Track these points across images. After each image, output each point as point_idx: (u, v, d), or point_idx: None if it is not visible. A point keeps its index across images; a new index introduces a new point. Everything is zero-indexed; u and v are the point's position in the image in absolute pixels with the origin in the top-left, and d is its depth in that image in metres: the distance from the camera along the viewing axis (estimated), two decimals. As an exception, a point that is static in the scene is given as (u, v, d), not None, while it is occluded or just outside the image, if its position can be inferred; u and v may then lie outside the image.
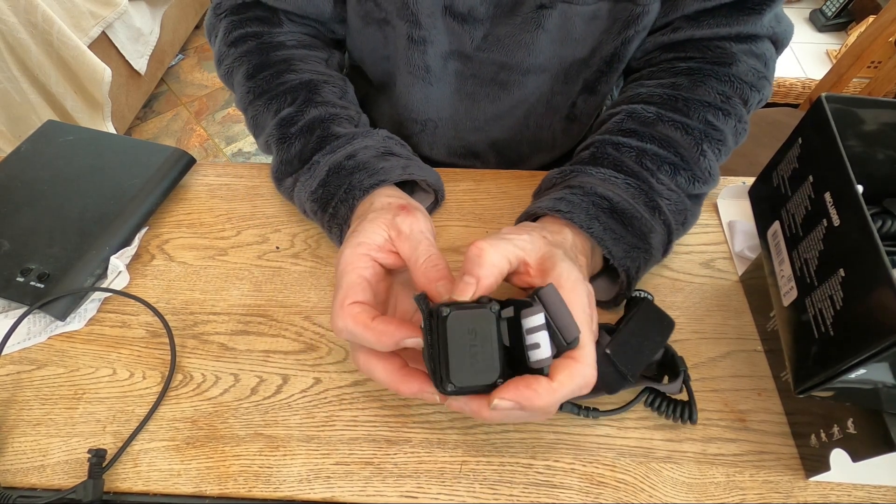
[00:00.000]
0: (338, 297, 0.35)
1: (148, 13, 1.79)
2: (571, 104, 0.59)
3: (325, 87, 0.51)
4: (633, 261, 0.41)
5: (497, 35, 0.52)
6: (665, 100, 0.48)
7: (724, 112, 0.47)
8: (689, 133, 0.46)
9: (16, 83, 1.51)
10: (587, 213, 0.41)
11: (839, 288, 0.31)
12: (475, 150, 0.64)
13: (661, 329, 0.39)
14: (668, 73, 0.51)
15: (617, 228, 0.41)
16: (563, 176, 0.46)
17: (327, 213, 0.45)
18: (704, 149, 0.46)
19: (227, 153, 1.83)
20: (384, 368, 0.35)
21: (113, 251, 0.50)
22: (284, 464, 0.40)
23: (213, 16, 0.57)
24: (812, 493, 0.38)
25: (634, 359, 0.36)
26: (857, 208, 0.31)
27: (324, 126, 0.48)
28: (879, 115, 0.37)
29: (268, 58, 0.52)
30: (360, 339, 0.34)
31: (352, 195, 0.44)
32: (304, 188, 0.47)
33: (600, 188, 0.43)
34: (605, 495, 0.38)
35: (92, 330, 0.47)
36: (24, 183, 0.54)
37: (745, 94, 0.49)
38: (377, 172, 0.44)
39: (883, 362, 0.29)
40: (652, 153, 0.45)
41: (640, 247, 0.42)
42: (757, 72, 0.50)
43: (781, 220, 0.39)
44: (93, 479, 0.37)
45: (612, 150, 0.46)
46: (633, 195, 0.43)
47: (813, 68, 1.64)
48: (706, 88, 0.48)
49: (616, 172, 0.44)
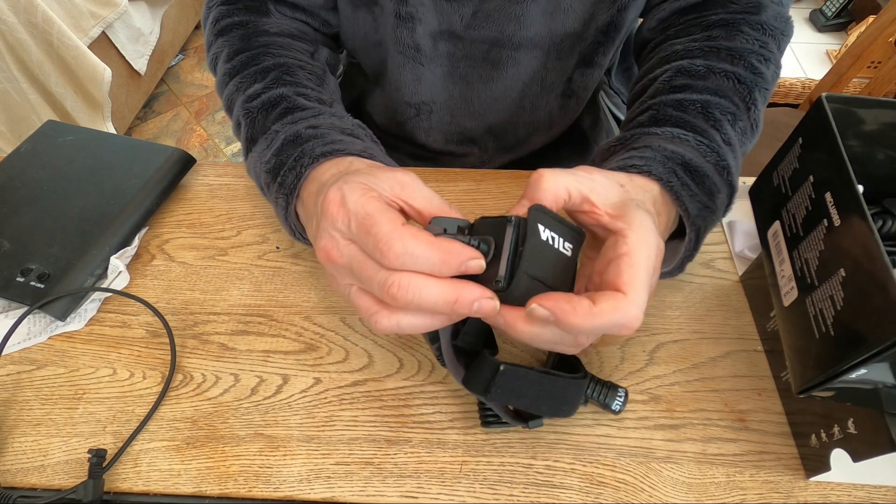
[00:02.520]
0: (382, 223, 0.30)
1: (148, 13, 1.79)
2: (567, 80, 0.58)
3: (300, 72, 0.49)
4: (703, 220, 0.39)
5: (486, 10, 0.52)
6: (708, 51, 0.47)
7: (765, 58, 0.47)
8: (742, 82, 0.45)
9: (16, 83, 1.51)
10: (664, 165, 0.38)
11: (840, 288, 0.31)
12: (472, 136, 0.64)
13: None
14: (700, 28, 0.50)
15: (691, 185, 0.39)
16: (622, 142, 0.43)
17: (276, 182, 0.41)
18: (756, 97, 0.45)
19: (227, 153, 1.83)
20: (436, 282, 0.30)
21: (113, 251, 0.50)
22: (284, 464, 0.40)
23: (206, 7, 0.56)
24: (812, 493, 0.38)
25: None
26: (858, 208, 0.31)
27: (289, 99, 0.45)
28: (879, 115, 0.37)
29: (249, 43, 0.51)
30: (422, 258, 0.29)
31: (300, 163, 0.40)
32: (259, 158, 0.43)
33: (670, 145, 0.40)
34: (605, 495, 0.38)
35: (92, 330, 0.47)
36: (24, 183, 0.54)
37: (777, 38, 0.48)
38: (333, 143, 0.40)
39: (883, 362, 0.29)
40: (716, 104, 0.43)
41: (709, 206, 0.40)
42: (781, 16, 0.49)
43: (782, 219, 0.39)
44: (93, 479, 0.37)
45: (673, 109, 0.43)
46: (703, 153, 0.40)
47: (813, 68, 1.64)
48: (744, 37, 0.47)
49: (684, 130, 0.42)
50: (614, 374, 0.43)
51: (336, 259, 0.32)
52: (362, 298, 0.33)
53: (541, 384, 0.35)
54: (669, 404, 0.42)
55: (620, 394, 0.40)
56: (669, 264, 0.42)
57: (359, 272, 0.32)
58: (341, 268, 0.33)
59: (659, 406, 0.42)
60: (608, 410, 0.40)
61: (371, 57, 0.60)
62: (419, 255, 0.29)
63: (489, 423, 0.40)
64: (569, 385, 0.36)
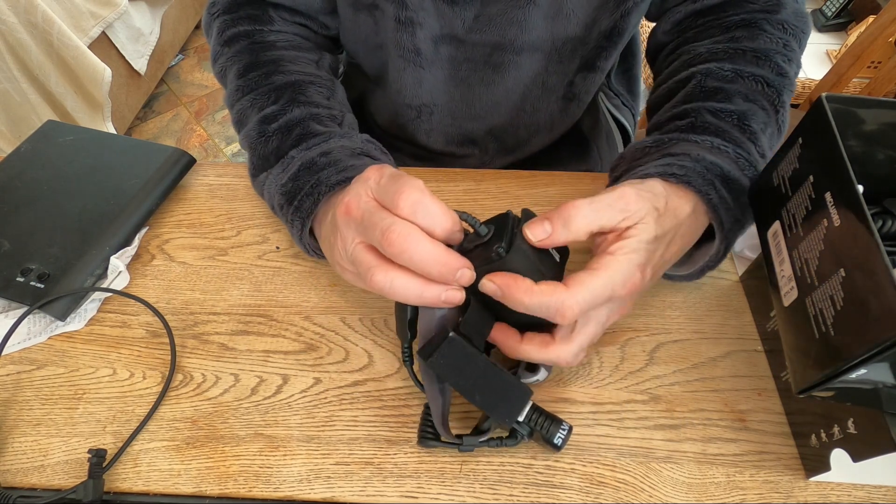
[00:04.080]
0: (405, 179, 0.33)
1: (148, 13, 1.80)
2: (569, 83, 0.59)
3: (311, 88, 0.51)
4: (734, 233, 0.40)
5: (488, 14, 0.52)
6: (734, 54, 0.46)
7: (788, 58, 0.47)
8: (771, 85, 0.45)
9: (16, 83, 1.51)
10: (703, 177, 0.39)
11: (840, 288, 0.31)
12: (473, 138, 0.64)
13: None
14: (721, 29, 0.49)
15: (728, 198, 0.39)
16: (658, 144, 0.43)
17: (292, 206, 0.44)
18: (784, 99, 0.45)
19: (227, 153, 1.83)
20: (432, 242, 0.33)
21: (113, 251, 0.50)
22: (284, 464, 0.40)
23: (208, 15, 0.57)
24: (812, 493, 0.38)
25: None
26: (858, 208, 0.31)
27: (303, 124, 0.48)
28: (879, 115, 0.37)
29: (258, 57, 0.52)
30: (430, 212, 0.33)
31: (318, 190, 0.43)
32: (275, 181, 0.46)
33: (710, 156, 0.40)
34: (605, 495, 0.38)
35: (92, 330, 0.47)
36: (24, 183, 0.54)
37: (798, 36, 0.48)
38: (346, 170, 0.43)
39: (883, 362, 0.28)
40: (752, 114, 0.43)
41: (740, 220, 0.40)
42: (800, 13, 0.49)
43: (782, 219, 0.39)
44: (93, 479, 0.37)
45: (711, 116, 0.43)
46: (742, 166, 0.41)
47: (813, 68, 1.64)
48: (767, 36, 0.47)
49: (723, 141, 0.42)
50: (614, 373, 0.43)
51: (353, 210, 0.35)
52: (364, 254, 0.35)
53: (484, 373, 0.35)
54: (669, 404, 0.42)
55: (564, 428, 0.37)
56: (690, 268, 0.43)
57: (369, 221, 0.34)
58: (354, 221, 0.35)
59: (659, 406, 0.42)
60: (550, 446, 0.37)
61: (372, 59, 0.61)
62: (429, 207, 0.33)
63: (426, 440, 0.38)
64: (511, 386, 0.36)
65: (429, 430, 0.39)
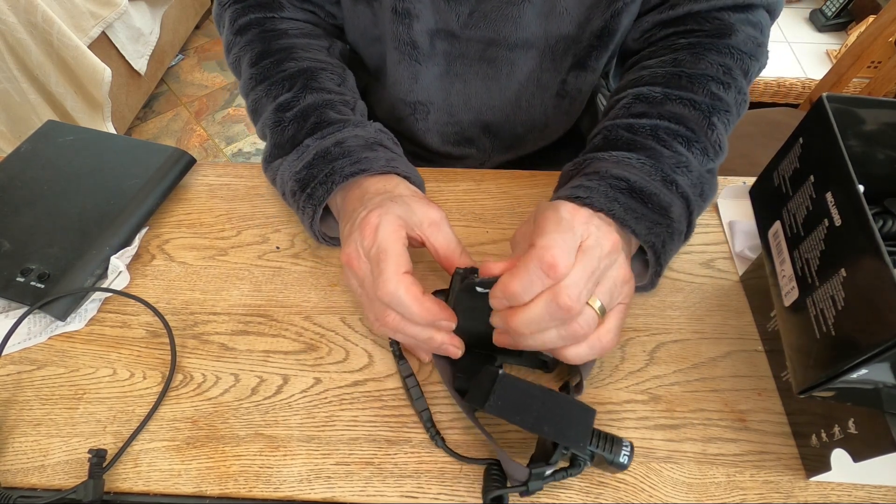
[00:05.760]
0: (389, 264, 0.37)
1: (148, 13, 1.79)
2: (562, 81, 0.59)
3: (323, 74, 0.52)
4: (657, 236, 0.41)
5: (483, 10, 0.52)
6: (669, 78, 0.48)
7: (726, 84, 0.48)
8: (697, 108, 0.46)
9: (16, 83, 1.51)
10: (606, 195, 0.41)
11: (840, 288, 0.31)
12: (469, 135, 0.64)
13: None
14: (669, 51, 0.51)
15: (637, 207, 0.41)
16: (577, 166, 0.47)
17: (305, 193, 0.46)
18: (714, 121, 0.46)
19: (227, 153, 1.83)
20: (420, 296, 0.38)
21: (113, 251, 0.50)
22: (285, 464, 0.40)
23: (219, 5, 0.58)
24: (812, 493, 0.38)
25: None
26: (859, 208, 0.31)
27: (318, 112, 0.49)
28: (880, 115, 0.37)
29: (270, 46, 0.53)
30: (405, 308, 0.37)
31: (331, 179, 0.45)
32: (289, 168, 0.48)
33: (615, 170, 0.43)
34: (606, 495, 0.38)
35: (92, 330, 0.47)
36: (24, 183, 0.53)
37: (745, 64, 0.49)
38: (360, 161, 0.45)
39: (884, 362, 0.28)
40: (665, 128, 0.45)
41: (661, 222, 0.41)
42: (755, 40, 0.50)
43: (782, 219, 0.39)
44: (93, 479, 0.37)
45: (625, 131, 0.46)
46: (648, 172, 0.43)
47: (813, 68, 1.64)
48: (707, 62, 0.48)
49: (629, 153, 0.44)
50: (614, 373, 0.43)
51: (356, 268, 0.40)
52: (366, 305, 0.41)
53: (543, 401, 0.35)
54: (669, 404, 0.42)
55: (626, 445, 0.35)
56: (642, 280, 0.45)
57: (368, 288, 0.40)
58: (356, 275, 0.40)
59: (659, 406, 0.42)
60: (614, 466, 0.35)
61: (371, 52, 0.61)
62: (405, 305, 0.37)
63: (491, 490, 0.36)
64: (573, 407, 0.35)
65: (494, 473, 0.37)
